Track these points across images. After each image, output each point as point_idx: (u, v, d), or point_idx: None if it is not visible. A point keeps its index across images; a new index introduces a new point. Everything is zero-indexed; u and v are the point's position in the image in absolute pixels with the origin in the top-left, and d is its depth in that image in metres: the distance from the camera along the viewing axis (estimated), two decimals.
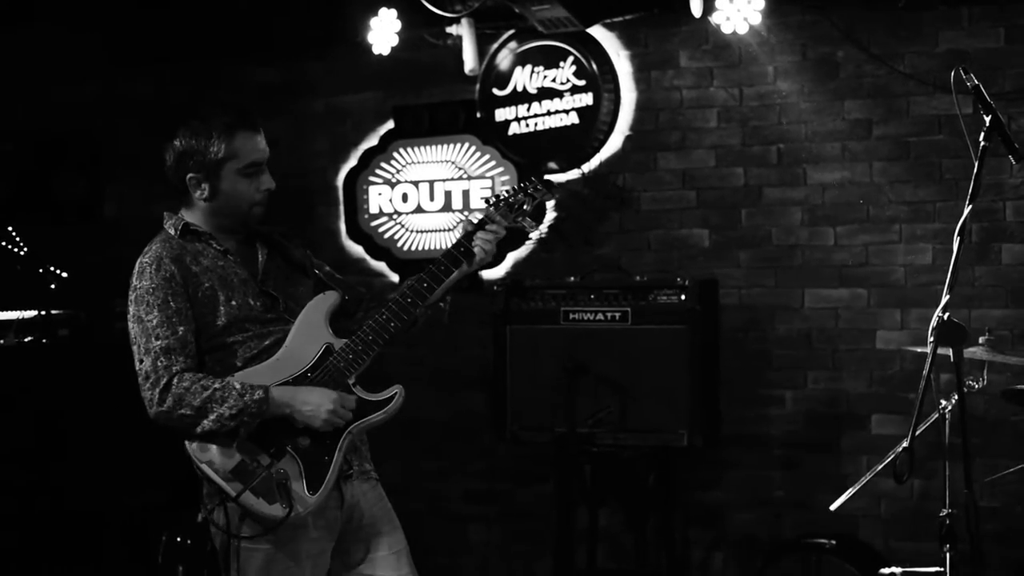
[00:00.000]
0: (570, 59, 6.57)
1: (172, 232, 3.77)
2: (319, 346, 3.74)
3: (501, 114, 6.71)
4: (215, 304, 3.69)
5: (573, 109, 6.57)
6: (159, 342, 3.60)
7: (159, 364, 3.59)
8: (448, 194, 6.92)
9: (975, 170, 3.68)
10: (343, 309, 3.89)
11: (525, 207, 3.99)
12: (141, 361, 3.62)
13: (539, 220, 3.98)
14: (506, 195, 4.00)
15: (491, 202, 4.00)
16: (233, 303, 3.70)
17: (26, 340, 6.12)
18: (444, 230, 6.92)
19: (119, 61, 7.28)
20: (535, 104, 6.64)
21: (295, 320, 3.77)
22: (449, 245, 3.93)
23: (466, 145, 6.88)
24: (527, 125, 6.66)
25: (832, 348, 6.22)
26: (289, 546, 3.65)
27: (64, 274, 6.65)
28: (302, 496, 3.61)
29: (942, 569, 4.48)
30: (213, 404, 3.55)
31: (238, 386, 3.58)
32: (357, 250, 7.09)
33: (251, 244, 3.88)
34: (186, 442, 3.63)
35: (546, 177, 3.90)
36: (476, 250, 3.87)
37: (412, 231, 7.00)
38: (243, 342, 3.71)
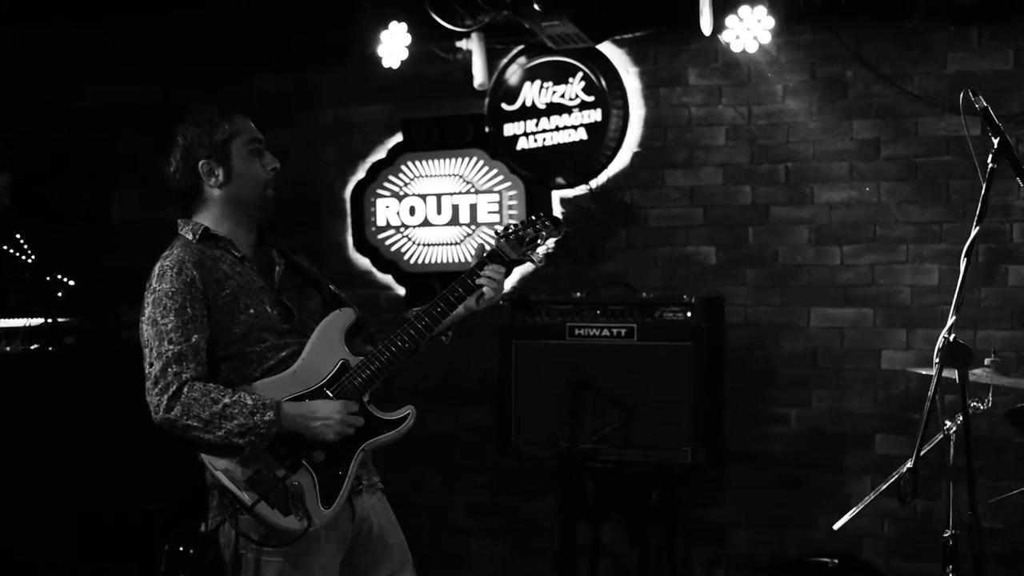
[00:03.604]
0: (579, 75, 6.58)
1: (190, 237, 3.76)
2: (335, 361, 3.75)
3: (509, 129, 6.72)
4: (234, 311, 3.68)
5: (581, 125, 6.58)
6: (172, 347, 3.58)
7: (170, 370, 3.56)
8: (455, 208, 6.93)
9: (983, 191, 3.68)
10: (355, 328, 3.91)
11: (538, 242, 4.03)
12: (151, 365, 3.59)
13: (543, 251, 4.06)
14: (515, 228, 4.04)
15: (500, 234, 4.03)
16: (251, 311, 3.70)
17: (32, 348, 6.12)
18: (451, 244, 6.93)
19: (127, 67, 7.29)
20: (544, 119, 6.65)
21: (309, 333, 3.78)
22: (463, 269, 3.97)
23: (474, 159, 6.90)
24: (535, 140, 6.67)
25: (837, 367, 6.22)
26: (302, 558, 3.65)
27: (71, 282, 6.65)
28: (317, 510, 3.62)
29: None
30: (222, 420, 3.54)
31: (250, 402, 3.57)
32: (364, 262, 7.10)
33: (267, 253, 3.90)
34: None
35: (555, 214, 4.00)
36: (485, 281, 3.90)
37: (419, 244, 7.01)
38: (261, 352, 3.71)
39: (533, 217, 4.09)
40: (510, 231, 4.02)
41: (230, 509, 3.61)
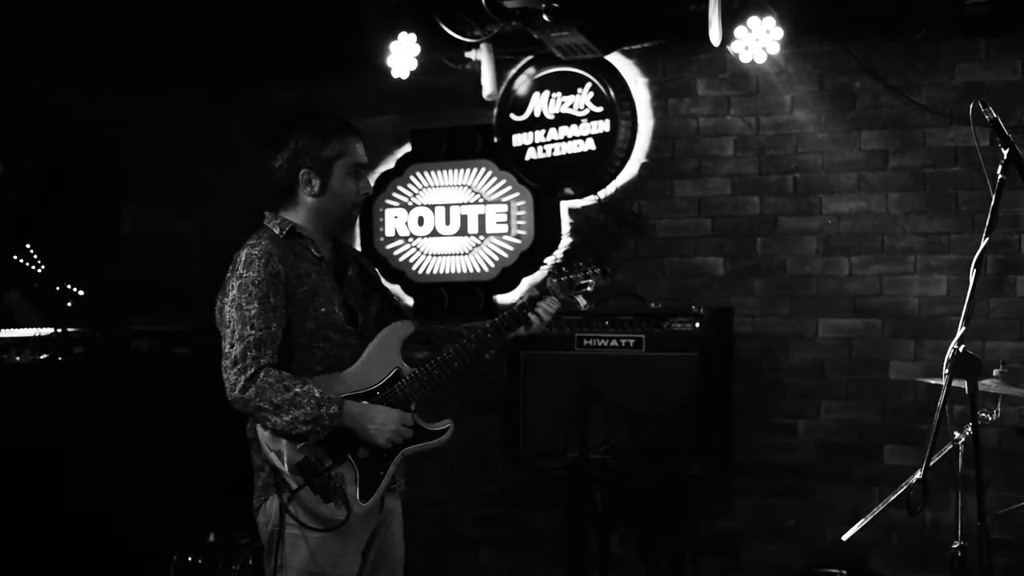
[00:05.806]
0: (588, 86, 6.59)
1: (277, 232, 3.97)
2: (390, 369, 4.00)
3: (518, 139, 6.73)
4: (307, 307, 3.90)
5: (590, 135, 6.59)
6: (254, 332, 3.78)
7: (250, 354, 3.76)
8: (464, 218, 6.94)
9: (992, 202, 3.68)
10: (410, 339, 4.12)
11: (587, 288, 4.23)
12: (232, 346, 3.79)
13: (591, 300, 4.25)
14: (566, 270, 4.22)
15: (552, 272, 4.24)
16: (323, 309, 3.92)
17: (42, 357, 6.13)
18: (459, 254, 6.94)
19: (137, 78, 7.31)
20: (552, 130, 6.66)
21: (369, 336, 4.02)
22: (515, 303, 4.21)
23: (483, 170, 6.90)
24: (544, 151, 6.68)
25: (845, 378, 6.22)
26: (338, 537, 3.84)
27: (80, 292, 6.66)
28: (355, 502, 3.83)
29: None
30: (291, 407, 3.73)
31: (317, 394, 3.76)
32: None
33: (341, 257, 4.13)
34: (258, 427, 3.82)
35: (604, 264, 4.21)
36: (533, 317, 4.15)
37: (427, 254, 7.01)
38: (325, 349, 3.93)
39: (584, 263, 4.27)
40: (562, 273, 4.22)
41: (273, 490, 3.83)
